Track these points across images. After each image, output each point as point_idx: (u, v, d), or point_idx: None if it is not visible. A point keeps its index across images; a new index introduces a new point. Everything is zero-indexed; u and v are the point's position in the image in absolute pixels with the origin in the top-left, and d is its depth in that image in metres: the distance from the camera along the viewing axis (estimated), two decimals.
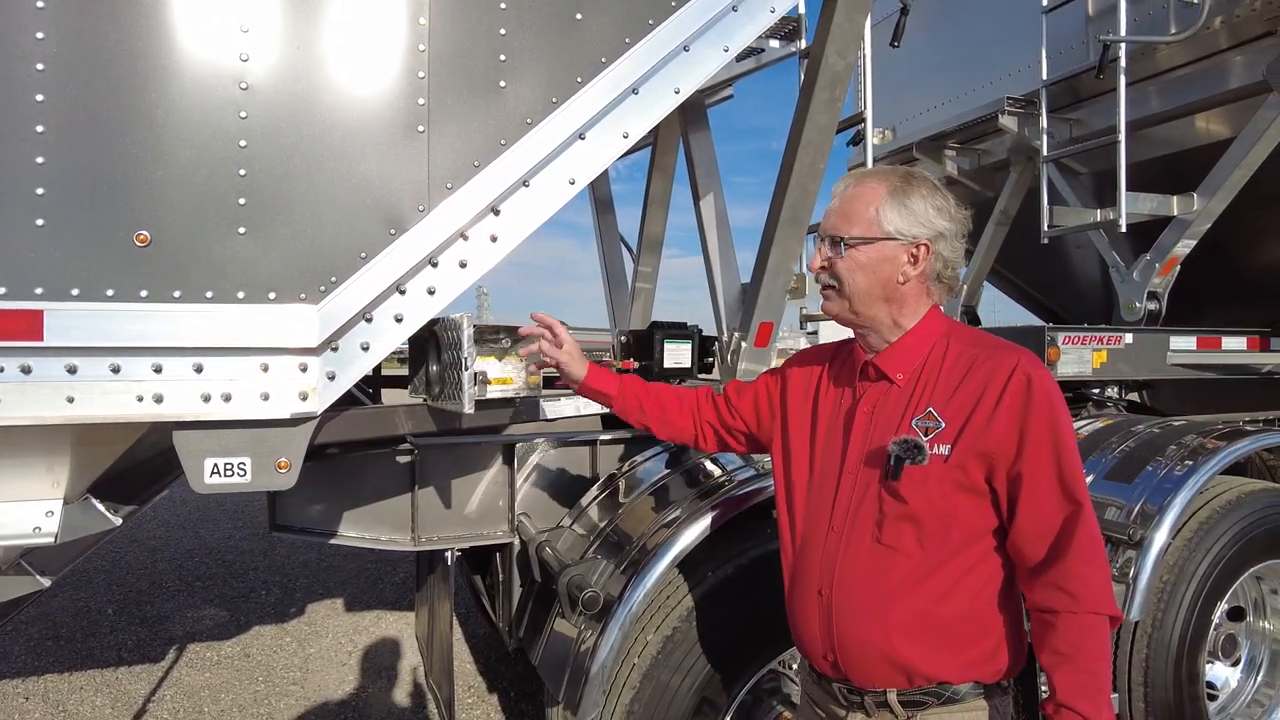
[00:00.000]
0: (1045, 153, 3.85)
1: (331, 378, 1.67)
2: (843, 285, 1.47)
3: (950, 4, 4.80)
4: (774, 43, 3.04)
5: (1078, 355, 3.28)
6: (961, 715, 1.42)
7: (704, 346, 2.94)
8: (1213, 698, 2.95)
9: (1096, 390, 3.54)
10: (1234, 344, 3.62)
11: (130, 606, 5.02)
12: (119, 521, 1.92)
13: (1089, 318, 4.99)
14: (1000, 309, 6.23)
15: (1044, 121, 3.85)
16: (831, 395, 1.59)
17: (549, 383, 3.56)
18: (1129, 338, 3.40)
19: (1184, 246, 3.60)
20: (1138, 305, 3.71)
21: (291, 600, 5.23)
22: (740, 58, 3.15)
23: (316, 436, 1.73)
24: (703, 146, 3.12)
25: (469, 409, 1.76)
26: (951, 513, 1.38)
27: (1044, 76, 3.84)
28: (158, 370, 1.54)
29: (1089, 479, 2.78)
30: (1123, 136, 3.36)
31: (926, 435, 1.38)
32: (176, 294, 1.55)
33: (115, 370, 1.51)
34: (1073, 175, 4.15)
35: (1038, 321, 5.75)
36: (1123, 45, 3.41)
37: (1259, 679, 3.07)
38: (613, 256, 4.15)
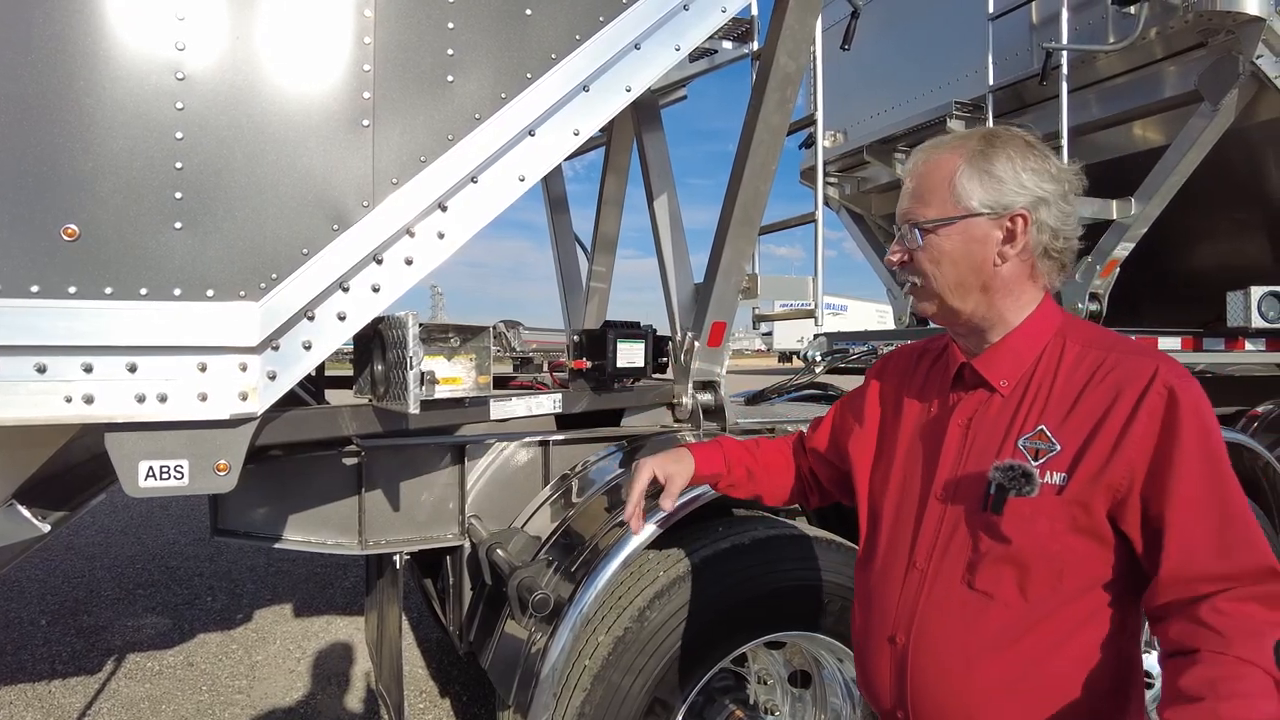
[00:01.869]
0: None
1: (273, 377, 1.63)
2: (928, 280, 1.23)
3: (899, 9, 4.88)
4: (727, 44, 3.06)
5: None
6: None
7: (657, 346, 2.94)
8: (1149, 685, 3.04)
9: None
10: (1169, 344, 3.74)
11: (65, 617, 4.84)
12: (47, 529, 1.84)
13: None
14: None
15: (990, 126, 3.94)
16: (917, 405, 1.35)
17: (500, 383, 3.53)
18: None
19: (1123, 249, 3.72)
20: (1080, 306, 3.82)
21: (238, 606, 5.09)
22: (693, 58, 3.16)
23: (258, 438, 1.68)
24: (656, 146, 3.11)
25: (414, 409, 1.73)
26: (1065, 556, 1.12)
27: (990, 82, 3.93)
28: (88, 370, 1.49)
29: None
30: (1065, 142, 3.46)
31: (1037, 459, 1.13)
32: (108, 290, 1.49)
33: (41, 370, 1.45)
34: None
35: None
36: (1064, 53, 3.51)
37: None
38: (567, 256, 4.12)
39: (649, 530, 2.08)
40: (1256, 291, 3.63)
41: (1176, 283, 4.59)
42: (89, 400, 1.49)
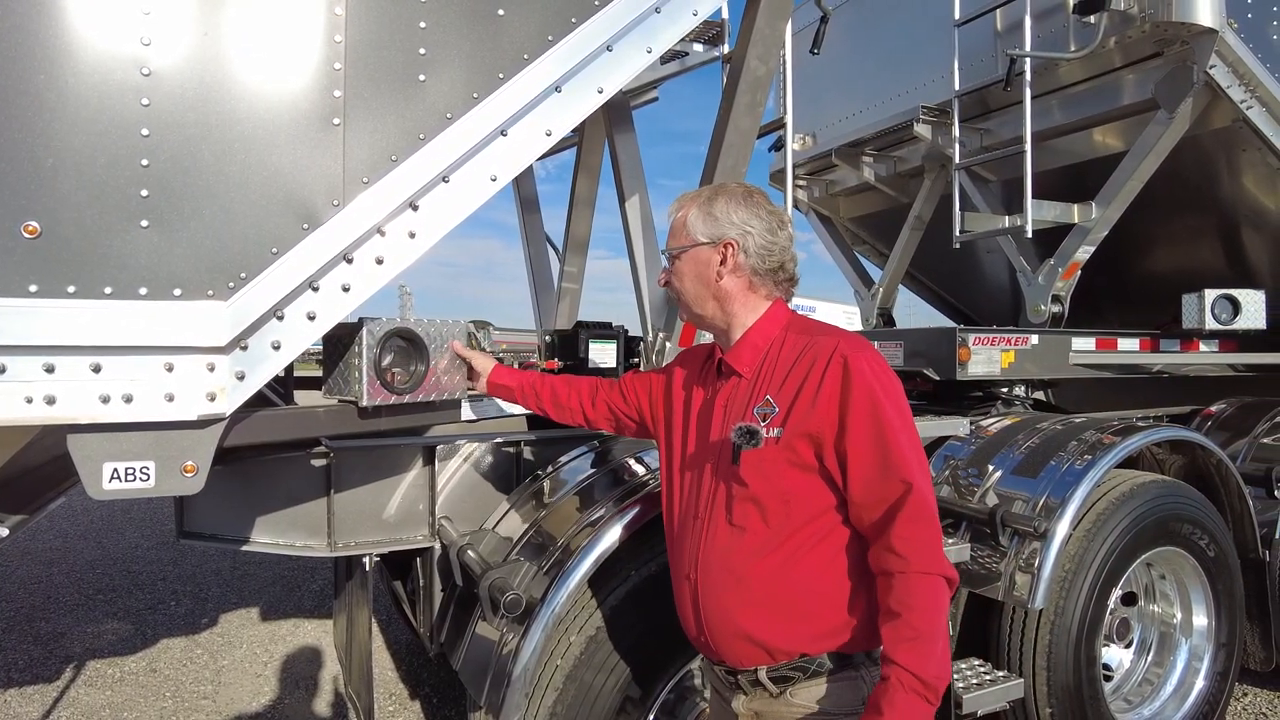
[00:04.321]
0: (957, 160, 4.01)
1: (241, 378, 1.61)
2: (678, 294, 1.63)
3: (868, 14, 4.95)
4: (698, 46, 3.08)
5: (987, 355, 3.43)
6: (827, 687, 1.48)
7: (629, 346, 2.95)
8: (1108, 679, 3.12)
9: (1005, 389, 3.70)
10: (1128, 345, 3.84)
11: (22, 623, 4.72)
12: (4, 533, 1.81)
13: (998, 319, 5.22)
14: (915, 311, 6.46)
15: (956, 130, 4.01)
16: (699, 394, 1.69)
17: None
18: (1035, 339, 3.58)
19: (1084, 252, 3.81)
20: (1043, 308, 3.90)
21: (203, 611, 5.01)
22: (665, 60, 3.18)
23: (225, 439, 1.66)
24: (628, 148, 3.13)
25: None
26: (789, 491, 1.46)
27: (956, 87, 4.00)
28: (49, 370, 1.46)
29: (997, 475, 2.91)
30: (1028, 146, 3.54)
31: (764, 421, 1.48)
32: (71, 289, 1.46)
33: (0, 370, 1.42)
34: (983, 183, 4.34)
35: (949, 323, 5.98)
36: (1028, 60, 3.58)
37: (1149, 659, 3.26)
38: (538, 256, 4.12)
39: (622, 529, 2.09)
40: (1210, 294, 3.74)
41: (1135, 285, 4.71)
42: (50, 401, 1.46)
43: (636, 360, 2.97)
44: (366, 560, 2.45)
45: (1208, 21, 3.23)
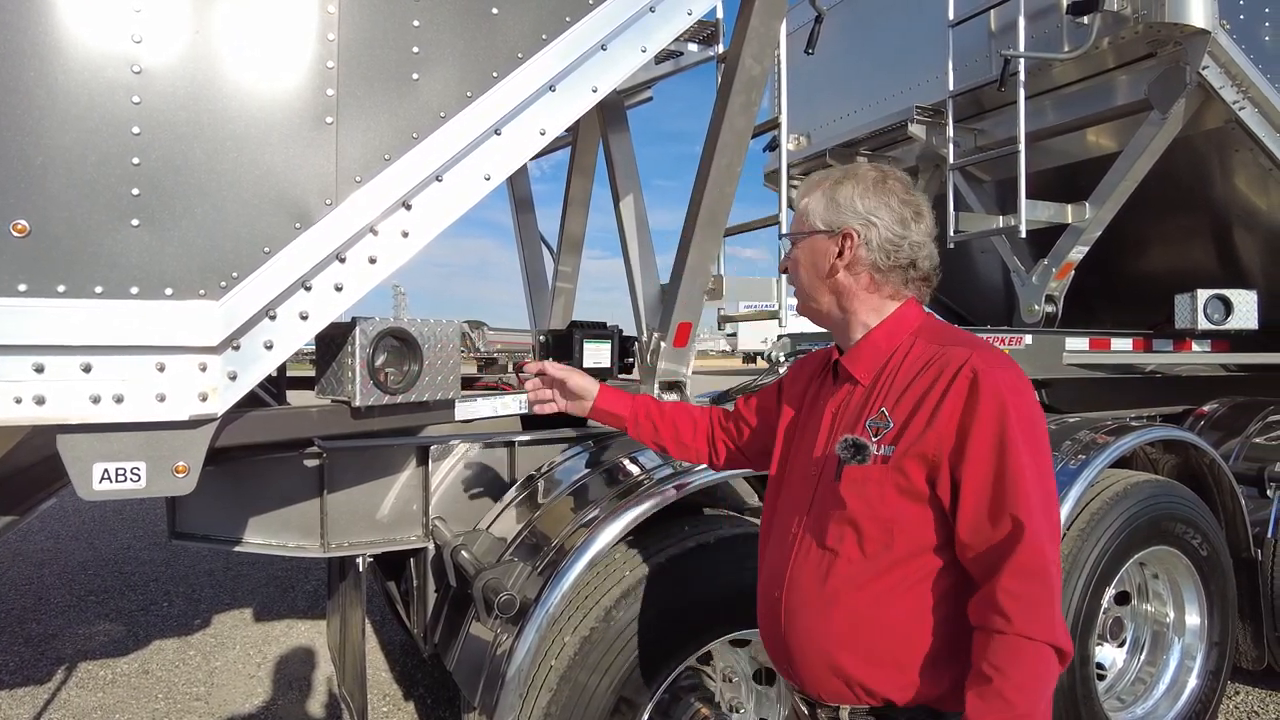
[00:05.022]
0: (951, 161, 4.01)
1: (233, 378, 1.60)
2: (795, 282, 1.51)
3: (863, 14, 4.95)
4: (692, 46, 3.08)
5: None
6: None
7: (624, 346, 2.94)
8: (1101, 678, 3.13)
9: None
10: (1121, 345, 3.85)
11: (12, 625, 4.69)
12: None
13: (992, 319, 5.23)
14: None
15: (950, 131, 4.01)
16: (810, 400, 1.55)
17: (466, 384, 3.51)
18: (1029, 339, 3.58)
19: (1078, 252, 3.82)
20: (1036, 308, 3.91)
21: (196, 612, 4.99)
22: (659, 60, 3.17)
23: (218, 439, 1.65)
24: (622, 147, 3.12)
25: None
26: (892, 519, 1.29)
27: (950, 87, 4.00)
28: (39, 370, 1.44)
29: None
30: (1022, 147, 3.54)
31: (876, 436, 1.32)
32: (61, 289, 1.45)
33: None
34: (977, 183, 4.34)
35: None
36: (1021, 61, 3.59)
37: (1142, 658, 3.27)
38: (533, 256, 4.11)
39: (616, 530, 2.09)
40: (1202, 294, 3.75)
41: (1128, 285, 4.72)
42: (40, 401, 1.45)
43: (631, 360, 2.96)
44: (360, 561, 2.44)
45: (1200, 22, 3.24)
